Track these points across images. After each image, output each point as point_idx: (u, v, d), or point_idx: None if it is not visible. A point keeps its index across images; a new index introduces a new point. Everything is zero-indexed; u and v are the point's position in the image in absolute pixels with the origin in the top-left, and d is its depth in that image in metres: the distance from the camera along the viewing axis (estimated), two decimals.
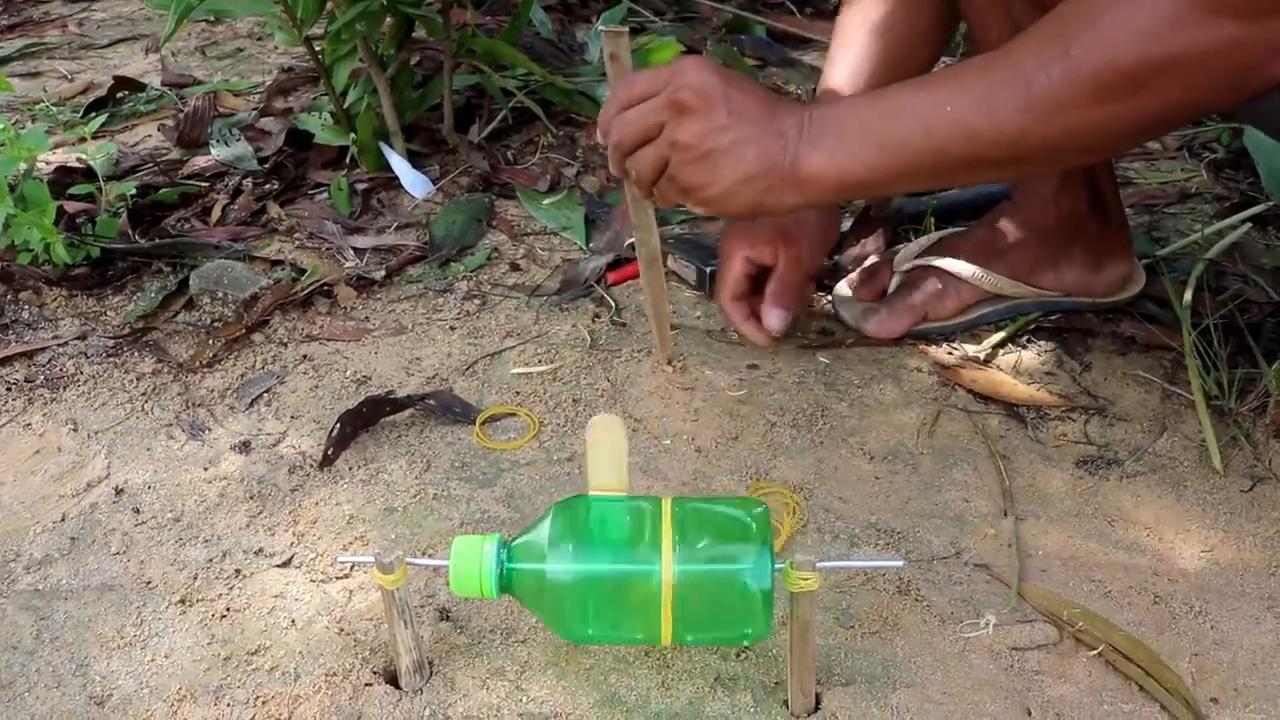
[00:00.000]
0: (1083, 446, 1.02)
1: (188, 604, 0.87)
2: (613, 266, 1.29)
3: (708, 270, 1.21)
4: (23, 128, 1.60)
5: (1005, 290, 1.14)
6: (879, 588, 0.86)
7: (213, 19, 2.27)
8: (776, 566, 0.70)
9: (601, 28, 0.93)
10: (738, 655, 0.80)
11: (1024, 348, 1.15)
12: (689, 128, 0.83)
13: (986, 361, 1.13)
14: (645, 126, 0.85)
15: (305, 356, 1.16)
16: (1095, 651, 0.81)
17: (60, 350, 1.18)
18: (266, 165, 1.55)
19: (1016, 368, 1.12)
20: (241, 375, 1.13)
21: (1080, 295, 1.16)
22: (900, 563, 0.75)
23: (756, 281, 1.10)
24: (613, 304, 1.23)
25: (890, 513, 0.94)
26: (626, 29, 0.91)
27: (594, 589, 0.71)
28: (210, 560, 0.91)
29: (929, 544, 0.91)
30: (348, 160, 1.53)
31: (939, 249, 1.17)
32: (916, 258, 1.17)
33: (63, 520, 0.96)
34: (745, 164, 0.83)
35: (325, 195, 1.47)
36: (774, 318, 1.08)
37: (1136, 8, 0.71)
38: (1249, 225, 1.31)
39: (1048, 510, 0.94)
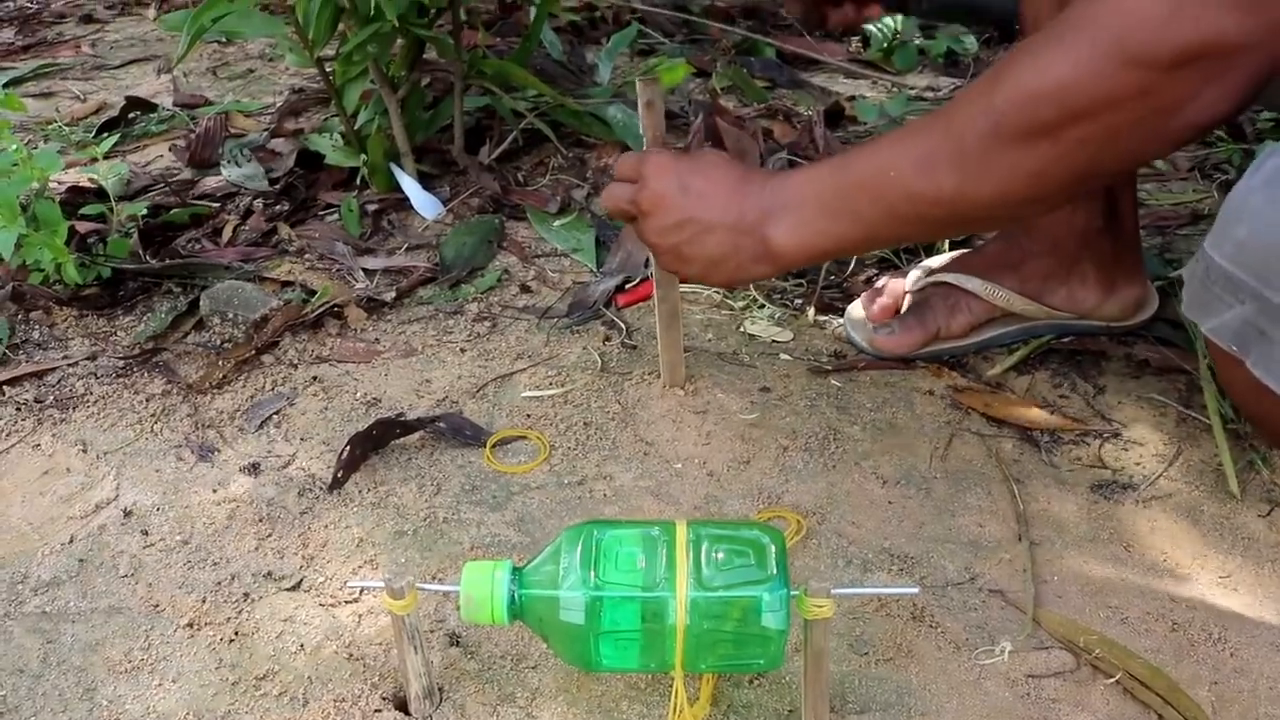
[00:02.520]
0: (1097, 470, 1.01)
1: (196, 628, 0.86)
2: (621, 289, 1.28)
3: None
4: (35, 148, 1.61)
5: (1015, 306, 1.13)
6: (893, 614, 0.85)
7: (224, 40, 2.28)
8: (791, 593, 0.69)
9: (638, 78, 0.99)
10: (751, 682, 0.80)
11: (1037, 371, 1.14)
12: (651, 227, 0.92)
13: (1000, 384, 1.12)
14: (620, 210, 0.95)
15: (315, 378, 1.16)
16: (1113, 679, 0.80)
17: (70, 370, 1.18)
18: (277, 186, 1.55)
19: (1030, 391, 1.11)
20: (251, 397, 1.13)
21: (1093, 318, 1.15)
22: (915, 590, 0.74)
23: None
24: (623, 326, 1.22)
25: (904, 538, 0.93)
26: (659, 79, 0.98)
27: (606, 616, 0.70)
28: (219, 583, 0.90)
29: (943, 569, 0.90)
30: (358, 181, 1.53)
31: (950, 265, 1.17)
32: (928, 275, 1.17)
33: (71, 542, 0.95)
34: (708, 250, 0.90)
35: (336, 216, 1.47)
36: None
37: (1055, 59, 0.74)
38: None
39: (1063, 535, 0.94)
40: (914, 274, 1.18)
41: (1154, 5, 0.70)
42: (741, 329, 1.22)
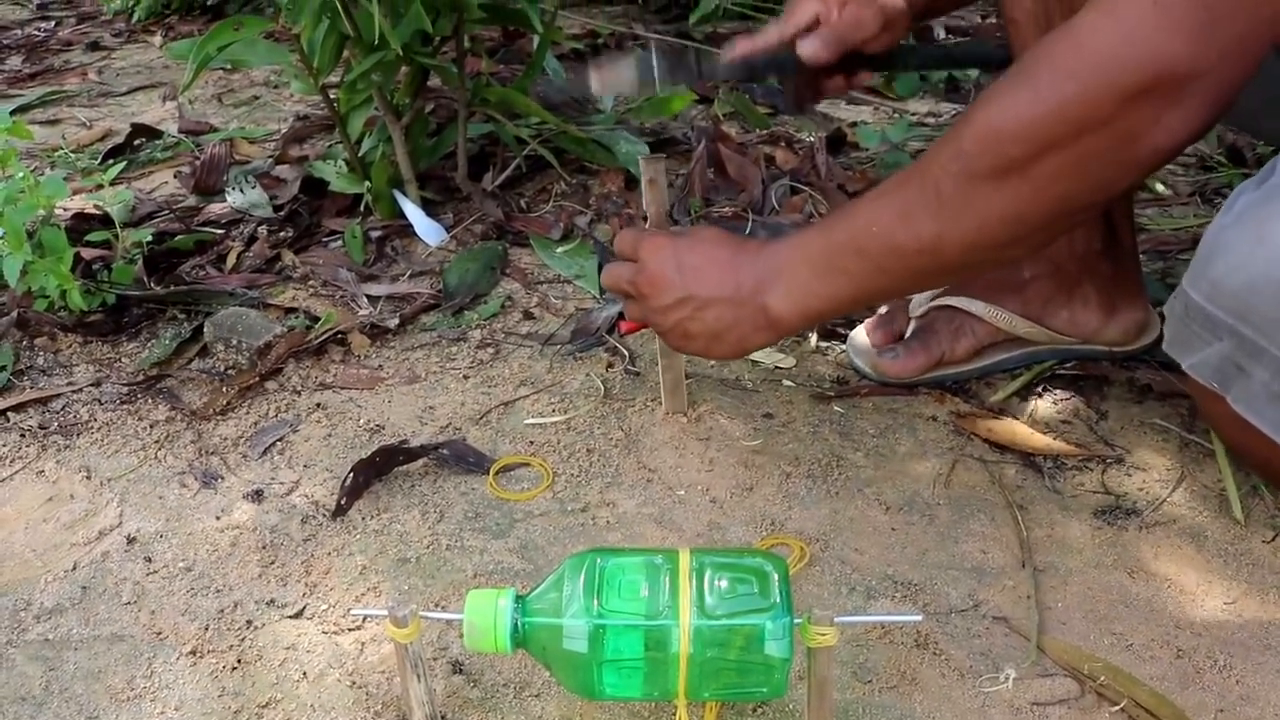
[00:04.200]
0: (1101, 496, 1.01)
1: (199, 655, 0.86)
2: (624, 315, 1.28)
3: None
4: (42, 174, 1.62)
5: (1018, 329, 1.14)
6: (896, 641, 0.85)
7: (230, 67, 2.30)
8: (794, 621, 0.69)
9: (640, 157, 1.02)
10: (754, 711, 0.79)
11: (1040, 396, 1.14)
12: (651, 307, 0.94)
13: (1002, 410, 1.12)
14: (620, 290, 0.98)
15: (319, 405, 1.16)
16: (1118, 707, 0.79)
17: (74, 397, 1.18)
18: (281, 213, 1.56)
19: (1033, 416, 1.11)
20: (255, 423, 1.13)
21: (1095, 342, 1.15)
22: (918, 617, 0.74)
23: None
24: (626, 353, 1.23)
25: (907, 564, 0.93)
26: (664, 156, 1.01)
27: (610, 644, 0.70)
28: (222, 611, 0.90)
29: (947, 596, 0.90)
30: (362, 208, 1.54)
31: (953, 289, 1.17)
32: (931, 300, 1.17)
33: (74, 569, 0.95)
34: (709, 324, 0.92)
35: (339, 243, 1.48)
36: (808, 45, 1.03)
37: (1017, 97, 0.76)
38: None
39: (1066, 561, 0.93)
40: (917, 299, 1.18)
41: (1108, 38, 0.72)
42: None
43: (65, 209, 1.53)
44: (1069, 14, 0.96)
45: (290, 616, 0.89)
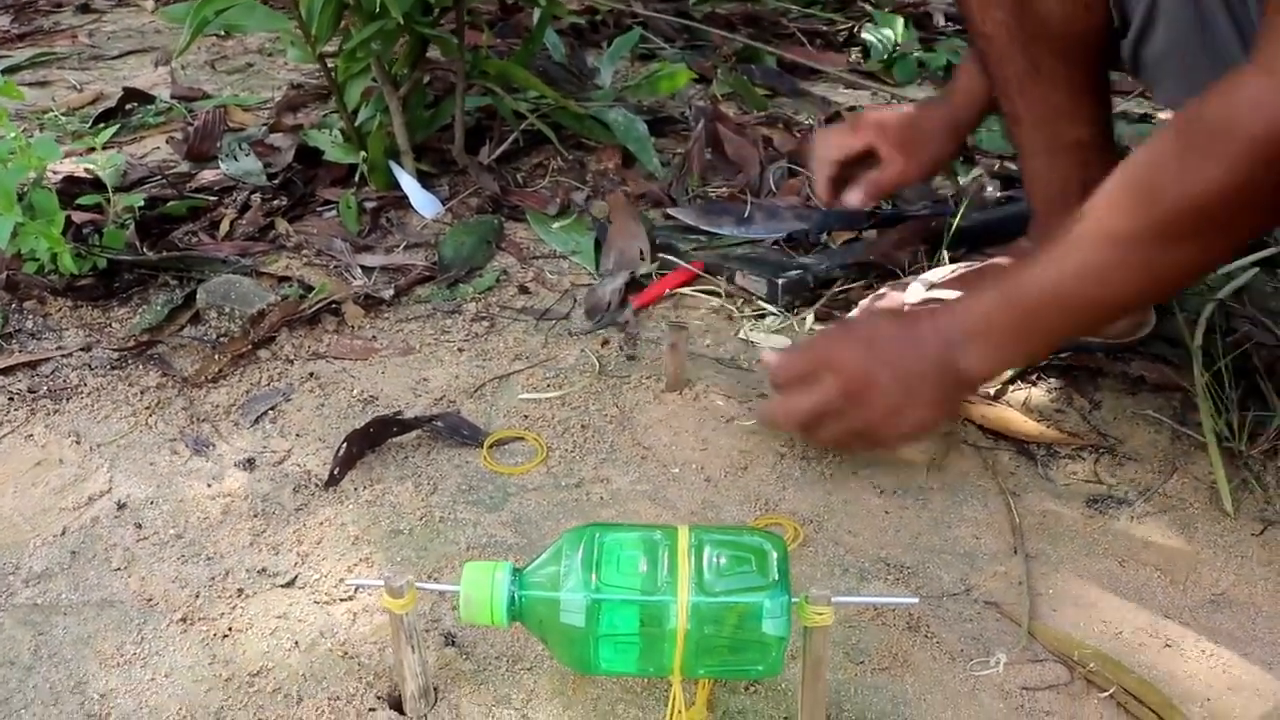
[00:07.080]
0: (1093, 485, 1.01)
1: (189, 622, 0.86)
2: (629, 288, 1.28)
3: (779, 282, 1.25)
4: (31, 136, 1.60)
5: None
6: (889, 623, 0.85)
7: (223, 33, 2.28)
8: (792, 600, 0.69)
9: (667, 324, 1.11)
10: (747, 689, 0.79)
11: (1034, 385, 1.14)
12: (867, 405, 0.94)
13: (997, 398, 1.12)
14: (822, 412, 0.95)
15: (312, 374, 1.15)
16: (1107, 693, 0.80)
17: (64, 361, 1.17)
18: (275, 181, 1.55)
19: (1027, 405, 1.11)
20: (247, 391, 1.13)
21: (1090, 334, 1.15)
22: (915, 600, 0.75)
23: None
24: (623, 330, 1.22)
25: (900, 548, 0.93)
26: (686, 325, 1.12)
27: (606, 619, 0.70)
28: (213, 578, 0.90)
29: (939, 580, 0.90)
30: (357, 178, 1.53)
31: (951, 283, 1.17)
32: (928, 291, 1.17)
33: (63, 534, 0.95)
34: (924, 405, 0.94)
35: (334, 213, 1.47)
36: (853, 195, 1.27)
37: (1210, 168, 0.80)
38: (1257, 269, 1.30)
39: (1058, 549, 0.94)
40: (915, 287, 1.18)
41: None
42: (741, 335, 1.22)
43: (55, 172, 1.51)
44: (1037, 21, 0.99)
45: (282, 585, 0.89)
